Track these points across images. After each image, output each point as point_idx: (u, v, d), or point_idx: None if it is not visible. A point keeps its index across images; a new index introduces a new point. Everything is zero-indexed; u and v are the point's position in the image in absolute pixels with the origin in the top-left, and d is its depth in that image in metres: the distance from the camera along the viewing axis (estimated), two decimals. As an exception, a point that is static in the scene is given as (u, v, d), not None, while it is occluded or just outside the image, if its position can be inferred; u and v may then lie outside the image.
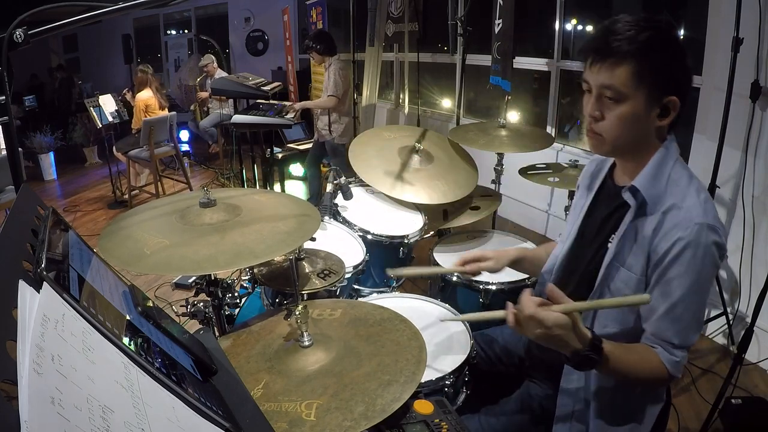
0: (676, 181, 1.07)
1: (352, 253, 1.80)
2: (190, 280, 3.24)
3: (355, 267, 1.70)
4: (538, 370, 1.35)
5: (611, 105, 1.05)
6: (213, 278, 1.40)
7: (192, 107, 7.02)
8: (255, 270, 1.52)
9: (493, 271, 1.45)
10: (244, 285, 1.87)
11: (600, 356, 1.02)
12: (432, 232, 2.21)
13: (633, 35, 1.00)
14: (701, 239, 1.01)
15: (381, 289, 1.91)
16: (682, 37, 3.05)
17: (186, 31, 9.32)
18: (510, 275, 1.79)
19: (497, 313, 1.08)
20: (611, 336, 1.11)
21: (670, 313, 1.05)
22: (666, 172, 1.08)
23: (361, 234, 1.89)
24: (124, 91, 5.50)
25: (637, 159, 1.12)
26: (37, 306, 0.49)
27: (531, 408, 1.31)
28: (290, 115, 3.73)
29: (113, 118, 5.09)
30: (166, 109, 5.23)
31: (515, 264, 1.48)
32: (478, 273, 1.45)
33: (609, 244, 1.15)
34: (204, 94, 6.53)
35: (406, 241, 1.92)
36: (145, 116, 4.90)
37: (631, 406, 1.18)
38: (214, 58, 6.44)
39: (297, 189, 5.01)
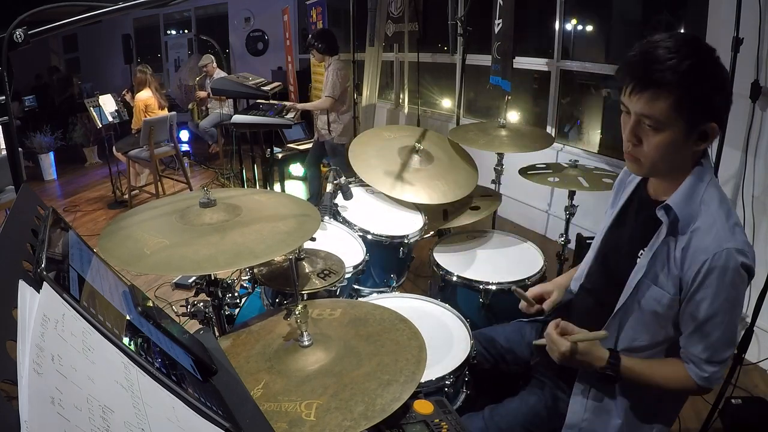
0: (708, 202, 1.08)
1: (352, 253, 1.80)
2: (190, 280, 3.24)
3: (355, 267, 1.70)
4: (548, 371, 1.36)
5: (650, 132, 1.05)
6: (213, 278, 1.40)
7: (190, 106, 7.02)
8: (255, 270, 1.52)
9: (556, 300, 1.45)
10: (244, 285, 1.87)
11: (618, 373, 1.14)
12: (432, 232, 2.21)
13: (675, 64, 0.98)
14: (729, 263, 1.02)
15: (381, 289, 1.91)
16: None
17: (186, 31, 9.32)
18: (510, 275, 1.79)
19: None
20: (641, 348, 1.17)
21: (698, 332, 1.09)
22: (700, 193, 1.08)
23: (361, 234, 1.89)
24: (123, 92, 5.50)
25: (673, 177, 1.12)
26: (37, 306, 0.49)
27: (537, 408, 1.31)
28: (290, 115, 3.73)
29: (113, 118, 5.09)
30: (166, 109, 5.23)
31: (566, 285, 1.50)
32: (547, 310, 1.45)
33: (638, 258, 1.17)
34: (203, 94, 6.52)
35: (406, 241, 1.92)
36: (145, 116, 4.90)
37: (655, 406, 1.21)
38: (213, 58, 6.44)
39: (297, 189, 5.01)
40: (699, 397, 2.21)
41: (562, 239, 2.35)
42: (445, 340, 1.46)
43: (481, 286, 1.73)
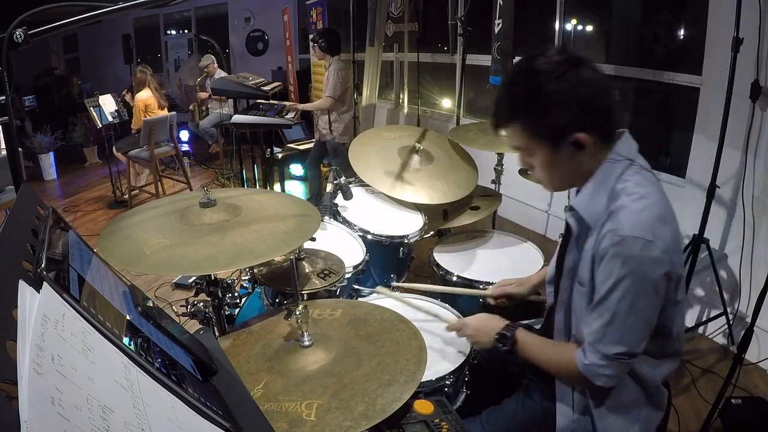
0: (619, 193, 1.07)
1: (352, 253, 1.79)
2: (190, 280, 3.24)
3: (355, 267, 1.70)
4: (532, 370, 1.36)
5: (528, 158, 1.14)
6: (213, 278, 1.40)
7: (191, 107, 7.02)
8: (255, 270, 1.52)
9: (519, 294, 1.56)
10: (244, 285, 1.87)
11: (511, 345, 1.24)
12: (432, 232, 2.21)
13: (504, 98, 1.10)
14: (624, 251, 1.01)
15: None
16: (682, 37, 3.06)
17: (186, 31, 9.32)
18: (510, 275, 1.79)
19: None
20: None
21: (593, 311, 1.09)
22: (607, 188, 1.09)
23: (361, 234, 1.89)
24: (123, 92, 5.49)
25: (577, 186, 1.17)
26: (37, 306, 0.49)
27: (532, 408, 1.31)
28: (290, 115, 3.73)
29: (113, 118, 5.09)
30: (166, 109, 5.23)
31: (540, 286, 1.55)
32: (506, 298, 1.58)
33: (564, 261, 1.21)
34: (204, 95, 6.52)
35: (406, 241, 1.92)
36: (145, 116, 4.90)
37: (631, 413, 1.19)
38: (214, 58, 6.43)
39: (297, 189, 5.01)
40: (699, 396, 2.23)
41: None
42: (445, 339, 1.46)
43: (481, 286, 1.73)
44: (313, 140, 4.68)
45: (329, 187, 1.99)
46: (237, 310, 1.70)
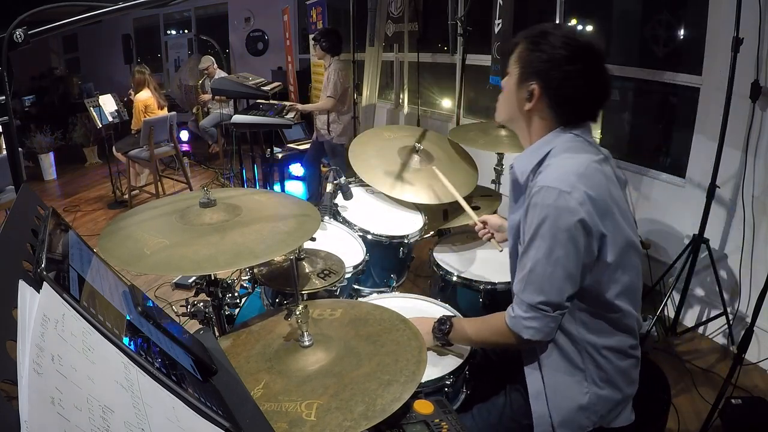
0: (550, 156, 1.17)
1: (352, 253, 1.79)
2: (190, 280, 3.24)
3: (355, 267, 1.70)
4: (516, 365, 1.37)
5: (505, 79, 1.26)
6: (213, 278, 1.40)
7: (194, 110, 7.02)
8: (255, 270, 1.52)
9: (499, 238, 1.67)
10: (244, 285, 1.87)
11: (445, 335, 1.31)
12: (432, 232, 2.21)
13: (542, 29, 1.17)
14: (538, 200, 1.10)
15: (381, 289, 1.91)
16: (682, 37, 3.06)
17: (186, 31, 9.32)
18: (508, 275, 1.79)
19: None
20: None
21: (519, 263, 1.17)
22: (542, 153, 1.18)
23: (361, 234, 1.89)
24: (129, 93, 5.46)
25: (523, 141, 1.28)
26: (37, 306, 0.49)
27: (518, 401, 1.32)
28: (290, 115, 3.73)
29: (113, 118, 5.08)
30: (165, 108, 5.23)
31: None
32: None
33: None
34: (206, 97, 6.52)
35: (406, 241, 1.92)
36: (145, 116, 4.90)
37: (577, 378, 1.22)
38: (213, 59, 6.43)
39: (297, 189, 5.01)
40: (699, 396, 2.23)
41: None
42: (445, 340, 1.46)
43: (481, 286, 1.73)
44: (311, 140, 4.68)
45: (329, 187, 1.99)
46: (237, 310, 1.70)
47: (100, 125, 4.98)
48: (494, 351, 1.52)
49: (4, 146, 3.33)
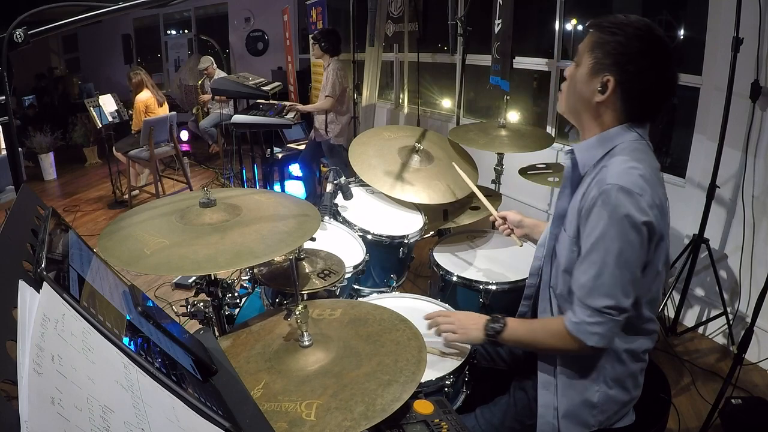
0: (616, 153, 1.14)
1: (352, 253, 1.79)
2: (190, 280, 3.24)
3: (355, 267, 1.70)
4: (524, 365, 1.38)
5: (574, 69, 1.21)
6: (213, 278, 1.40)
7: (195, 110, 7.02)
8: (255, 270, 1.52)
9: (527, 226, 1.69)
10: (244, 285, 1.87)
11: (497, 334, 1.24)
12: (432, 232, 2.21)
13: (617, 19, 1.14)
14: (609, 199, 1.06)
15: (381, 289, 1.91)
16: (681, 37, 3.06)
17: (186, 31, 9.32)
18: (510, 275, 1.79)
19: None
20: (559, 295, 1.23)
21: (580, 265, 1.12)
22: (607, 146, 1.16)
23: (361, 234, 1.89)
24: (129, 101, 5.45)
25: (585, 132, 1.23)
26: (37, 306, 0.49)
27: (522, 401, 1.32)
28: (290, 115, 3.73)
29: (113, 118, 5.08)
30: (166, 105, 5.22)
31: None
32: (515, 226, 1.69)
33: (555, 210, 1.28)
34: (206, 97, 6.51)
35: (406, 241, 1.92)
36: (146, 116, 4.90)
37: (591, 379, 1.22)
38: (212, 59, 6.43)
39: (297, 189, 5.01)
40: (699, 396, 2.23)
41: (562, 239, 2.35)
42: (445, 340, 1.46)
43: (481, 286, 1.73)
44: (308, 139, 4.68)
45: (329, 187, 1.99)
46: (237, 310, 1.70)
47: (100, 125, 4.98)
48: (501, 357, 1.51)
49: (3, 146, 3.33)
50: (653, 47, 1.11)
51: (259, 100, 3.93)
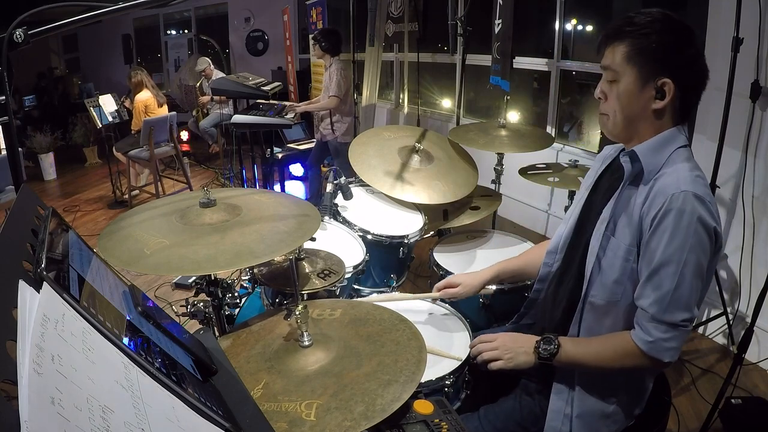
0: (675, 160, 1.08)
1: (352, 253, 1.79)
2: (190, 280, 3.24)
3: (355, 267, 1.70)
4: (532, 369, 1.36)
5: (611, 86, 1.12)
6: (213, 278, 1.40)
7: (194, 112, 7.02)
8: (255, 270, 1.52)
9: (463, 296, 1.50)
10: (244, 285, 1.87)
11: (552, 356, 1.15)
12: (432, 232, 2.21)
13: (631, 18, 1.06)
14: (686, 207, 1.00)
15: (381, 289, 1.91)
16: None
17: (186, 31, 9.33)
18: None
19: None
20: (598, 307, 1.15)
21: (649, 282, 1.04)
22: (669, 150, 1.09)
23: (361, 234, 1.89)
24: (122, 99, 5.45)
25: (641, 137, 1.13)
26: (37, 306, 0.49)
27: (529, 405, 1.31)
28: (290, 115, 3.74)
29: (113, 118, 5.09)
30: (165, 106, 5.22)
31: (494, 280, 1.52)
32: (453, 298, 1.52)
33: (598, 213, 1.18)
34: (206, 99, 6.50)
35: (406, 241, 1.92)
36: (146, 116, 4.90)
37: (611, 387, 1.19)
38: (209, 60, 6.41)
39: (297, 189, 5.01)
40: (699, 396, 2.23)
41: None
42: (445, 339, 1.46)
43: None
44: (314, 140, 4.68)
45: (329, 187, 1.99)
46: (237, 310, 1.70)
47: (100, 125, 4.99)
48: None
49: (3, 146, 3.33)
50: (685, 32, 1.06)
51: (259, 100, 3.93)
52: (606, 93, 1.14)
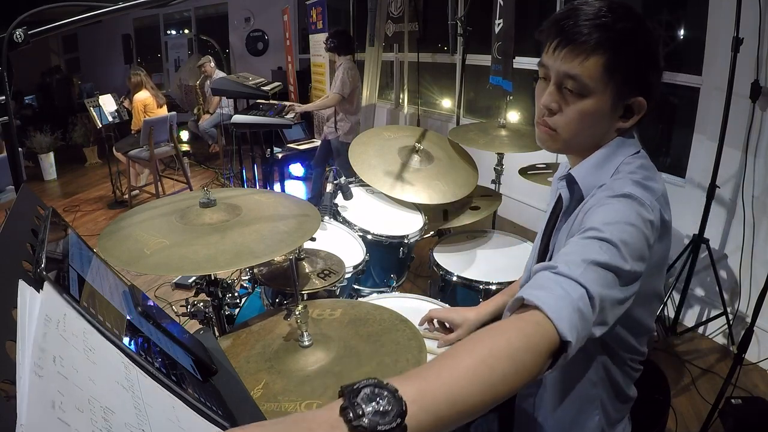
0: (621, 170, 0.93)
1: (352, 253, 1.79)
2: (190, 280, 3.24)
3: (355, 267, 1.70)
4: None
5: (572, 98, 0.91)
6: (213, 278, 1.40)
7: (195, 111, 7.02)
8: (255, 270, 1.52)
9: (463, 336, 1.30)
10: (244, 285, 1.87)
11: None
12: (432, 232, 2.21)
13: (610, 22, 0.86)
14: (614, 189, 0.89)
15: (381, 289, 1.91)
16: (681, 37, 3.06)
17: (186, 31, 9.33)
18: (510, 275, 1.79)
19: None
20: None
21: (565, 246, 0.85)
22: (614, 164, 0.94)
23: (361, 234, 1.89)
24: (121, 99, 5.45)
25: (583, 155, 0.99)
26: (39, 306, 0.48)
27: (524, 414, 1.30)
28: (290, 115, 3.74)
29: (113, 118, 5.09)
30: (165, 107, 5.23)
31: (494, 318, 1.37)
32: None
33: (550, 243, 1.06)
34: (215, 100, 6.47)
35: (406, 241, 1.92)
36: (145, 116, 4.90)
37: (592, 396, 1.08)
38: (210, 58, 6.42)
39: (297, 189, 5.01)
40: (699, 396, 2.23)
41: (562, 239, 2.35)
42: (445, 340, 1.46)
43: (481, 286, 1.73)
44: (314, 140, 4.69)
45: (329, 187, 1.99)
46: (237, 310, 1.70)
47: (100, 125, 4.99)
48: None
49: (3, 146, 3.33)
50: (656, 38, 0.90)
51: (259, 100, 3.93)
52: (561, 105, 0.92)
